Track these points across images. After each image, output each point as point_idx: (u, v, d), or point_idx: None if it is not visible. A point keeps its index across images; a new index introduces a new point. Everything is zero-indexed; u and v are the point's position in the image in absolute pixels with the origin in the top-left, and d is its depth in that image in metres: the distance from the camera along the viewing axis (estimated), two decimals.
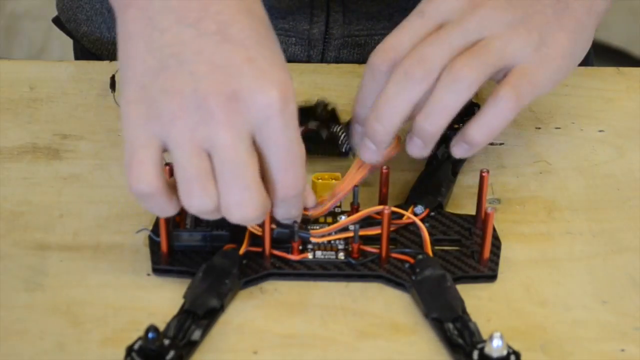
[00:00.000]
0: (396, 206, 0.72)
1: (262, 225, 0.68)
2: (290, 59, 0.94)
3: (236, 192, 0.63)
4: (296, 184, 0.65)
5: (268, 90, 0.62)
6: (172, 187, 0.64)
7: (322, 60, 0.95)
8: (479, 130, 0.69)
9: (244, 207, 0.63)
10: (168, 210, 0.65)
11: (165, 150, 0.63)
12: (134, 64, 0.63)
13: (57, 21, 1.03)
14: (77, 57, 1.05)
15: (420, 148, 0.70)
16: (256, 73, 0.62)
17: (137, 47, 0.63)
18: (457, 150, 0.71)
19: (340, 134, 0.75)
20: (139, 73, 0.63)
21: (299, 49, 0.94)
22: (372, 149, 0.70)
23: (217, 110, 0.61)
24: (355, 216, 0.70)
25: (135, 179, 0.62)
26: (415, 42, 0.69)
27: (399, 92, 0.68)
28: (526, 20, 0.69)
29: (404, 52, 0.69)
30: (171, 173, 0.64)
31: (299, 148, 0.64)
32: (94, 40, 0.97)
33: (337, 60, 0.95)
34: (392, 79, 0.68)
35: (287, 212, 0.66)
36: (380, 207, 0.70)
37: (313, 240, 0.69)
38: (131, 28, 0.64)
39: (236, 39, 0.63)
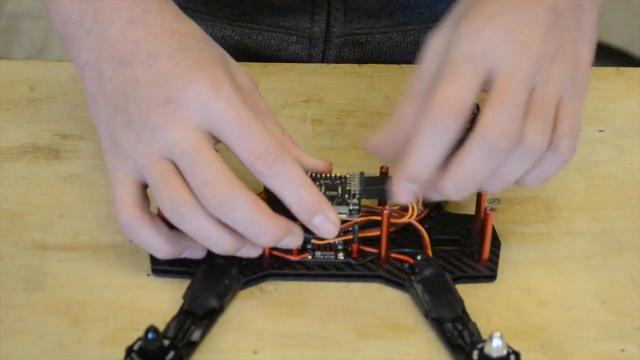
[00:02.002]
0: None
1: None
2: (291, 58, 0.94)
3: (198, 174, 0.64)
4: (267, 148, 0.64)
5: (195, 81, 0.65)
6: (164, 223, 0.67)
7: (323, 58, 0.95)
8: (537, 179, 0.67)
9: (209, 185, 0.63)
10: (160, 243, 0.66)
11: (145, 182, 0.66)
12: (100, 119, 0.68)
13: None
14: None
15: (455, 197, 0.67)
16: (182, 73, 0.65)
17: (98, 103, 0.68)
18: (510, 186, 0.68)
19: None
20: (104, 124, 0.68)
21: (300, 47, 0.94)
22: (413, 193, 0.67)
23: (159, 119, 0.65)
24: (359, 219, 0.70)
25: (117, 213, 0.66)
26: (474, 93, 0.65)
27: (484, 166, 0.64)
28: (560, 44, 0.67)
29: (469, 105, 0.65)
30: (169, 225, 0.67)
31: (253, 118, 0.64)
32: None
33: (338, 59, 0.95)
34: (477, 151, 0.64)
35: (285, 186, 0.65)
36: (380, 207, 0.70)
37: (313, 240, 0.69)
38: (90, 89, 0.69)
39: (164, 54, 0.66)
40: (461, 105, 0.64)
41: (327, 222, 0.66)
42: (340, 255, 0.70)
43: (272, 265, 0.69)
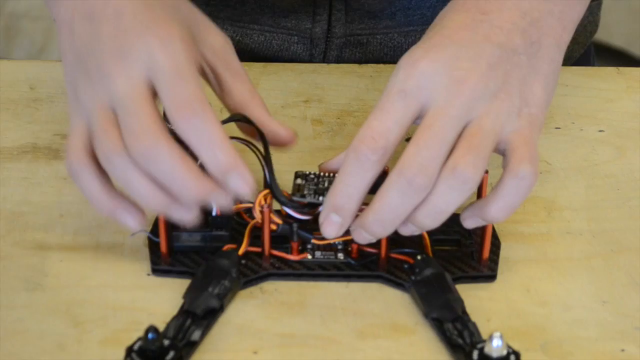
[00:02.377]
0: None
1: (261, 227, 0.68)
2: (292, 58, 0.94)
3: (127, 123, 0.64)
4: (187, 101, 0.64)
5: (147, 33, 0.65)
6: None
7: (324, 58, 0.95)
8: (502, 210, 0.66)
9: (134, 134, 0.64)
10: (99, 193, 0.66)
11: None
12: (67, 73, 0.69)
13: None
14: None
15: (415, 232, 0.67)
16: (138, 27, 0.66)
17: (67, 59, 0.69)
18: (470, 223, 0.68)
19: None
20: (69, 77, 0.68)
21: (301, 47, 0.94)
22: (340, 227, 0.67)
23: (109, 69, 0.65)
24: None
25: (67, 157, 0.67)
26: (402, 128, 0.65)
27: (403, 201, 0.64)
28: (506, 81, 0.66)
29: (393, 140, 0.65)
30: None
31: (190, 72, 0.65)
32: None
33: (339, 59, 0.95)
34: (394, 187, 0.64)
35: (201, 142, 0.64)
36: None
37: (313, 241, 0.69)
38: (63, 46, 0.70)
39: (128, 11, 0.67)
40: (384, 140, 0.64)
41: (240, 181, 0.64)
42: (340, 255, 0.70)
43: (272, 265, 0.69)
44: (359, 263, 0.69)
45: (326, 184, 0.69)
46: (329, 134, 0.83)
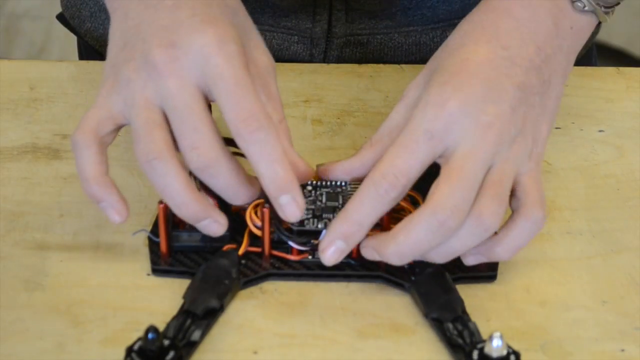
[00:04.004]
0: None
1: (262, 227, 0.68)
2: (292, 58, 0.94)
3: (187, 136, 0.64)
4: (254, 113, 0.64)
5: (203, 31, 0.65)
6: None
7: (325, 58, 0.95)
8: (510, 251, 0.67)
9: (196, 150, 0.64)
10: (91, 175, 0.66)
11: (122, 122, 0.67)
12: (110, 53, 0.68)
13: (61, 18, 1.03)
14: (81, 54, 1.05)
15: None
16: (195, 23, 0.65)
17: (114, 39, 0.68)
18: (472, 260, 0.68)
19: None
20: (112, 56, 0.68)
21: (302, 47, 0.94)
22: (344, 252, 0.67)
23: (159, 62, 0.65)
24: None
25: (76, 129, 0.66)
26: (424, 167, 0.65)
27: (429, 239, 0.64)
28: (524, 124, 0.67)
29: (414, 178, 0.65)
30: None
31: (249, 82, 0.64)
32: (97, 37, 0.98)
33: (340, 59, 0.95)
34: (425, 225, 0.64)
35: (262, 155, 0.64)
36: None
37: (313, 241, 0.69)
38: (113, 28, 0.69)
39: (186, 5, 0.66)
40: (406, 179, 0.65)
41: (294, 204, 0.65)
42: None
43: (272, 265, 0.69)
44: (359, 263, 0.69)
45: (324, 199, 0.69)
46: (329, 134, 0.83)
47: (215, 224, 0.66)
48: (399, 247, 0.65)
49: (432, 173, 0.67)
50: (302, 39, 0.94)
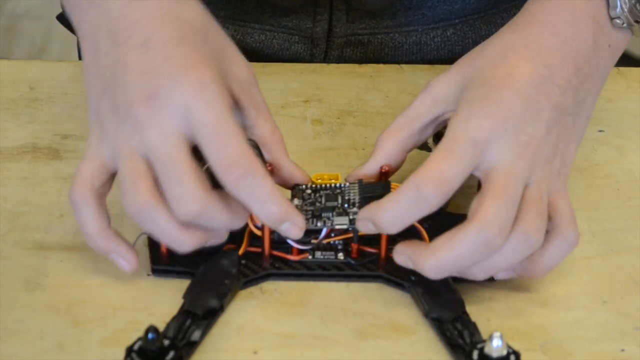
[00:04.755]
0: None
1: (261, 228, 0.68)
2: (293, 58, 0.94)
3: (172, 187, 0.64)
4: (237, 159, 0.64)
5: (181, 78, 0.64)
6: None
7: (325, 58, 0.95)
8: (546, 270, 0.67)
9: (182, 201, 0.63)
10: (94, 230, 0.66)
11: (115, 170, 0.66)
12: (90, 93, 0.68)
13: (61, 18, 1.03)
14: (80, 54, 1.05)
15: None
16: (172, 69, 0.65)
17: (91, 76, 0.68)
18: (504, 276, 0.68)
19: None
20: (93, 99, 0.67)
21: (302, 47, 0.94)
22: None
23: (140, 114, 0.64)
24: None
25: (71, 185, 0.66)
26: (466, 176, 0.65)
27: (473, 256, 0.64)
28: (556, 145, 0.68)
29: (456, 187, 0.65)
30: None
31: (231, 126, 0.64)
32: None
33: (340, 59, 0.95)
34: (471, 241, 0.64)
35: (252, 199, 0.64)
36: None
37: (313, 240, 0.69)
38: (86, 60, 0.68)
39: (158, 44, 0.66)
40: (449, 187, 0.65)
41: (294, 228, 0.66)
42: (340, 255, 0.70)
43: (272, 265, 0.69)
44: (359, 263, 0.69)
45: (323, 201, 0.69)
46: (329, 134, 0.83)
47: (215, 242, 0.68)
48: (440, 262, 0.64)
49: (413, 232, 0.68)
50: (302, 38, 0.94)
